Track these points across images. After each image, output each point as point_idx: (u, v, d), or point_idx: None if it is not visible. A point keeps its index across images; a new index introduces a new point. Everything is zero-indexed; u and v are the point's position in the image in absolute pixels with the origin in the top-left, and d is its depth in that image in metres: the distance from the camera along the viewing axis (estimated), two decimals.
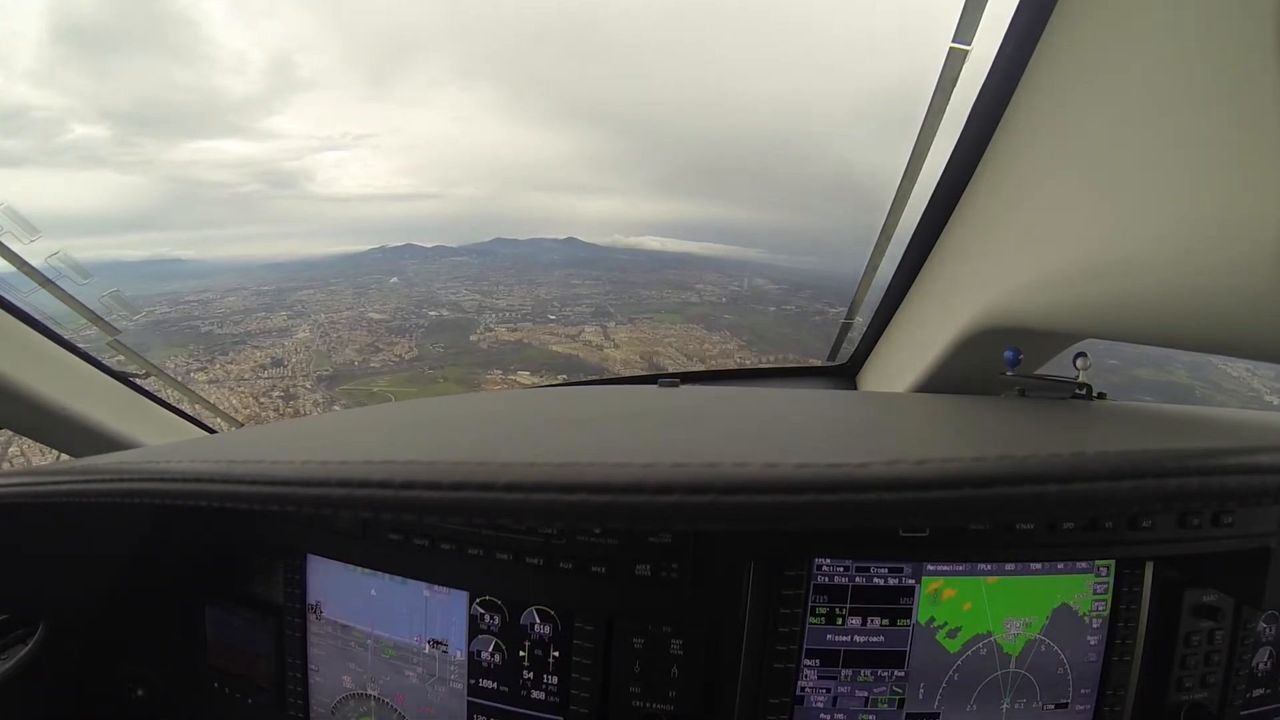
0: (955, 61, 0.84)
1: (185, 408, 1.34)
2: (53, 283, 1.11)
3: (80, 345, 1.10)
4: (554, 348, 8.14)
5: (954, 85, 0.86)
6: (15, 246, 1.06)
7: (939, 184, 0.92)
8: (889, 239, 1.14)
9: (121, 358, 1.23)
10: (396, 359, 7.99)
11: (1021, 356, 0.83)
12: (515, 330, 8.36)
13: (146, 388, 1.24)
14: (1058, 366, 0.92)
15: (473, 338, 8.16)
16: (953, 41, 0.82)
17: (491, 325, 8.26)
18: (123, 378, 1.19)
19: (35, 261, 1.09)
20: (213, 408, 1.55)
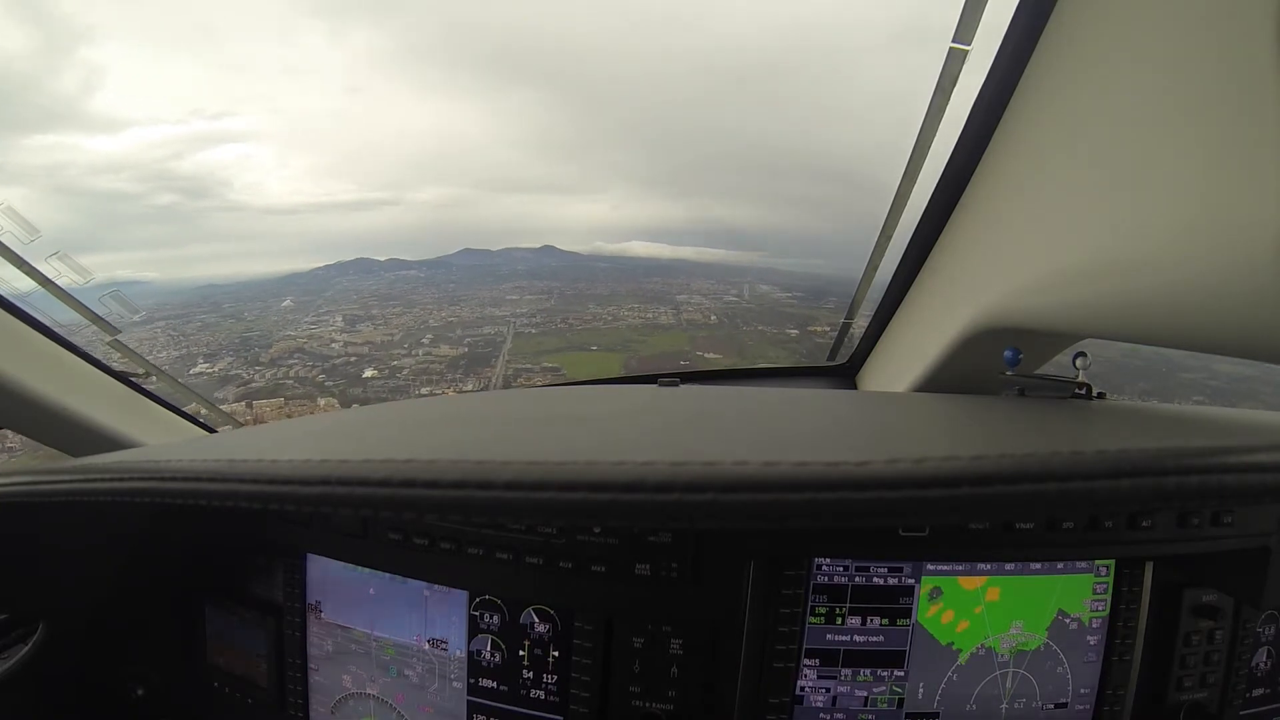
0: (955, 61, 0.84)
1: (185, 408, 1.34)
2: (52, 282, 1.11)
3: (80, 345, 1.10)
4: None
5: (954, 85, 0.86)
6: (14, 246, 1.06)
7: (939, 184, 0.92)
8: (889, 239, 1.14)
9: (121, 357, 1.23)
10: None
11: (1021, 356, 0.83)
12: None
13: (147, 387, 1.24)
14: (1058, 367, 0.92)
15: None
16: (953, 41, 0.82)
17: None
18: (123, 377, 1.18)
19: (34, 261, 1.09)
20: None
